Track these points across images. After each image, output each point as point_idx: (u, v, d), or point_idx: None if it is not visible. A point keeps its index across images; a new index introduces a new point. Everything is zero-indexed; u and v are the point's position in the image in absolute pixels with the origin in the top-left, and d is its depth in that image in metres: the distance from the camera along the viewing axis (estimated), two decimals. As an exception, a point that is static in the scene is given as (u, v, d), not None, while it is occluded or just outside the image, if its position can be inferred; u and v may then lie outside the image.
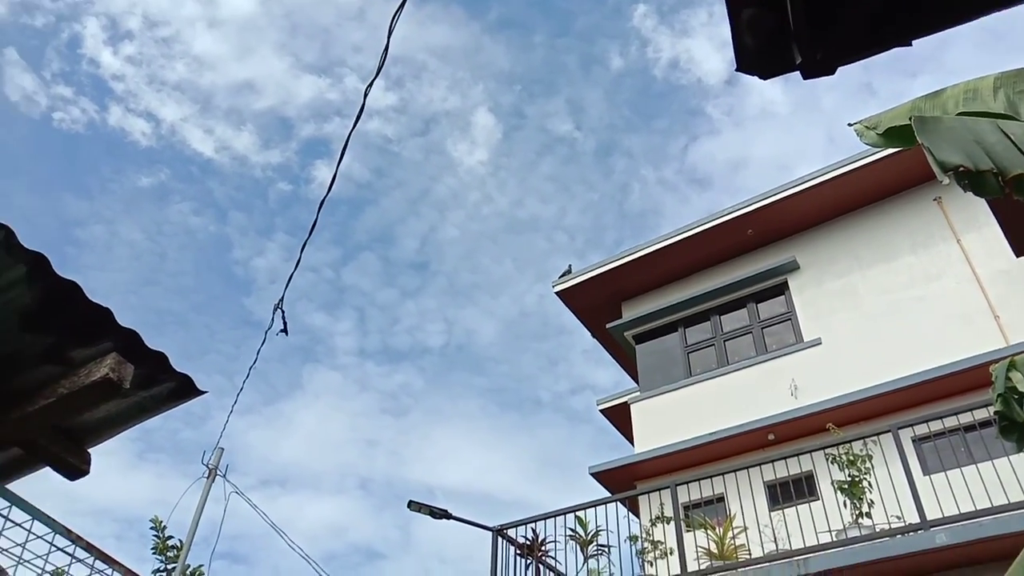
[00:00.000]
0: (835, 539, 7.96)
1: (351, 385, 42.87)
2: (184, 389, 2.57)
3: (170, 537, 9.70)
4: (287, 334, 4.92)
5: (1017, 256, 10.67)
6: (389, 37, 3.52)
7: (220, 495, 10.65)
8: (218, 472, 10.37)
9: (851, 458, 8.45)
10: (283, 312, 4.90)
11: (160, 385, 2.51)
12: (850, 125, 5.41)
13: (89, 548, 2.75)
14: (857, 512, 8.17)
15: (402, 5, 3.19)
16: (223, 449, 10.57)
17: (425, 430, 44.93)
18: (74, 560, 2.71)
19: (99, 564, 2.74)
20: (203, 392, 2.61)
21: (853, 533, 7.89)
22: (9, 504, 2.83)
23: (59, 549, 2.67)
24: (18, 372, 2.34)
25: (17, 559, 2.68)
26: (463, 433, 46.61)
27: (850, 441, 8.53)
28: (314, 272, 34.36)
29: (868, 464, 8.40)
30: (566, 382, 48.83)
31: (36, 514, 2.76)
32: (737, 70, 2.49)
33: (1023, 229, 11.67)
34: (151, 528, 9.62)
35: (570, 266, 14.76)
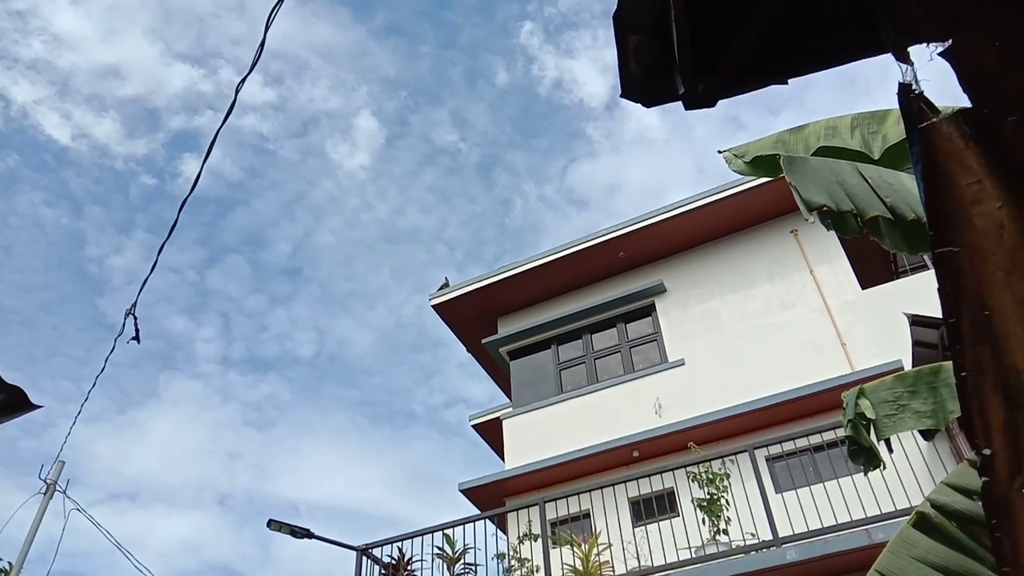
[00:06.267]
0: (694, 555, 8.22)
1: (212, 395, 40.94)
2: (15, 403, 2.30)
3: (-1, 559, 8.86)
4: (139, 342, 4.58)
5: (863, 288, 11.48)
6: (266, 31, 3.35)
7: (61, 510, 9.83)
8: (57, 487, 9.57)
9: (710, 476, 8.78)
10: (135, 318, 4.55)
11: (-15, 401, 2.24)
12: (720, 152, 5.64)
13: None
14: (715, 529, 8.48)
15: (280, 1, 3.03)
16: (63, 463, 9.76)
17: (291, 443, 43.48)
18: None
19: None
20: (37, 407, 2.34)
21: (711, 550, 8.18)
22: None
23: None
24: None
25: None
26: (332, 447, 45.45)
27: (709, 460, 8.87)
28: (176, 273, 32.66)
29: (726, 482, 8.75)
30: (440, 395, 48.62)
31: None
32: (622, 96, 2.50)
33: (869, 264, 12.58)
34: (-24, 550, 8.74)
35: (447, 279, 14.69)
